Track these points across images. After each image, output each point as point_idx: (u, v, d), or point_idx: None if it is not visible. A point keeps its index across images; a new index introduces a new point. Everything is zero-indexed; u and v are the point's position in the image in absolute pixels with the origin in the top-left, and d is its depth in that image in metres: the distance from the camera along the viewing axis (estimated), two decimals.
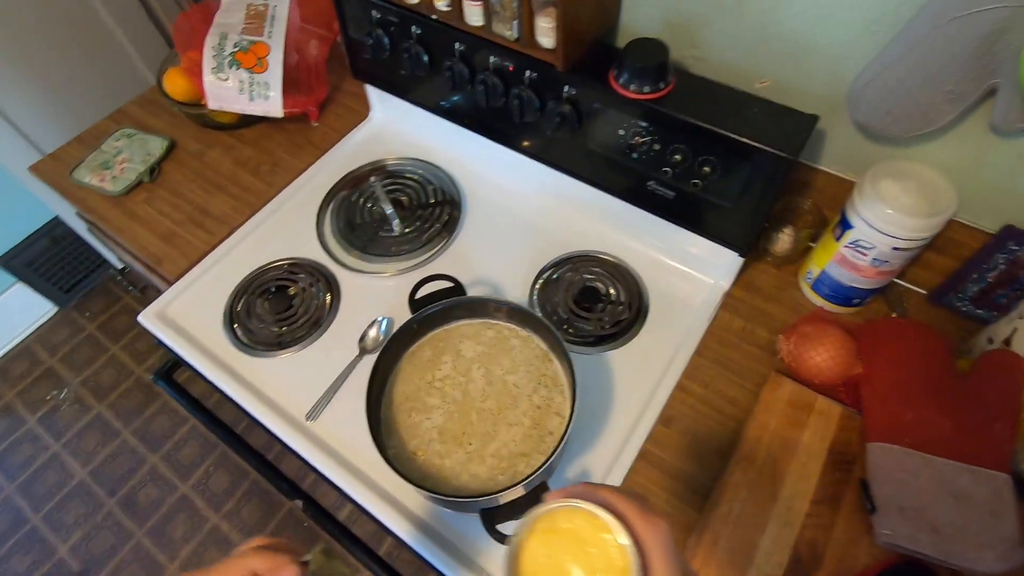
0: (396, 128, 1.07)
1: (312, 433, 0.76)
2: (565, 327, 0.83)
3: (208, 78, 0.96)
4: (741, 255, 0.77)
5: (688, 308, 0.84)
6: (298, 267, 0.91)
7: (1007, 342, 0.69)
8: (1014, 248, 0.69)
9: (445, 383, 0.71)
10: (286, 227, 0.96)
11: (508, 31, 0.72)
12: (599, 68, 0.73)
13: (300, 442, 0.75)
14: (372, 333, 0.83)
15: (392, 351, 0.71)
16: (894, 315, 0.79)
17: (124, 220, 0.97)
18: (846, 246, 0.72)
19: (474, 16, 0.74)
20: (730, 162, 0.68)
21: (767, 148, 0.64)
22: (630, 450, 0.72)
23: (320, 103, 1.08)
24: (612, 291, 0.85)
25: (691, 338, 0.80)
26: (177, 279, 0.90)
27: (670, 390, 0.76)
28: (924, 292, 0.81)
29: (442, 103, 0.93)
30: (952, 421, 0.66)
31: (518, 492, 0.60)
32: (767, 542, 0.62)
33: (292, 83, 1.02)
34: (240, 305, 0.87)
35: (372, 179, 0.98)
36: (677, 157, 0.72)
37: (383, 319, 0.83)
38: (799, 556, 0.61)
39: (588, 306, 0.84)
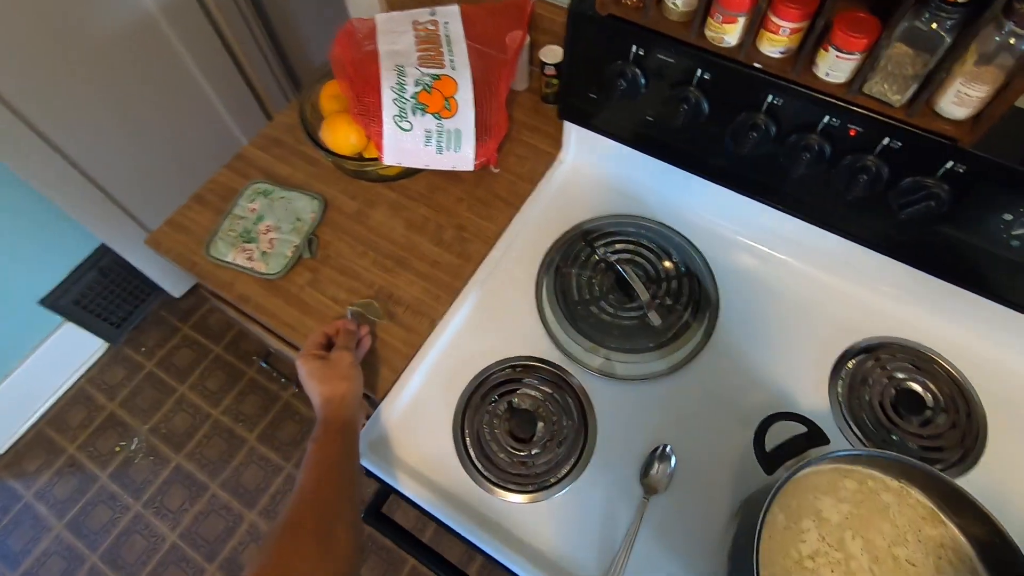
0: (600, 174, 0.88)
1: None
2: (884, 445, 0.68)
3: (388, 128, 0.75)
4: None
5: None
6: (528, 370, 0.73)
7: None
8: None
9: (818, 563, 0.55)
10: (498, 315, 0.77)
11: (894, 95, 0.53)
12: (1001, 138, 0.54)
13: None
14: (658, 468, 0.66)
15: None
16: None
17: (290, 312, 0.78)
18: None
19: (835, 72, 0.54)
20: None
21: None
22: None
23: (500, 144, 0.88)
24: (938, 395, 0.70)
25: None
26: (383, 396, 0.72)
27: None
28: None
29: (687, 153, 0.74)
30: None
31: None
32: None
33: (476, 123, 0.82)
34: (473, 428, 0.70)
35: (600, 248, 0.79)
36: None
37: (668, 449, 0.67)
38: None
39: (905, 415, 0.69)
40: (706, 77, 0.63)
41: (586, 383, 0.72)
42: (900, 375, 0.71)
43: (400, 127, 0.76)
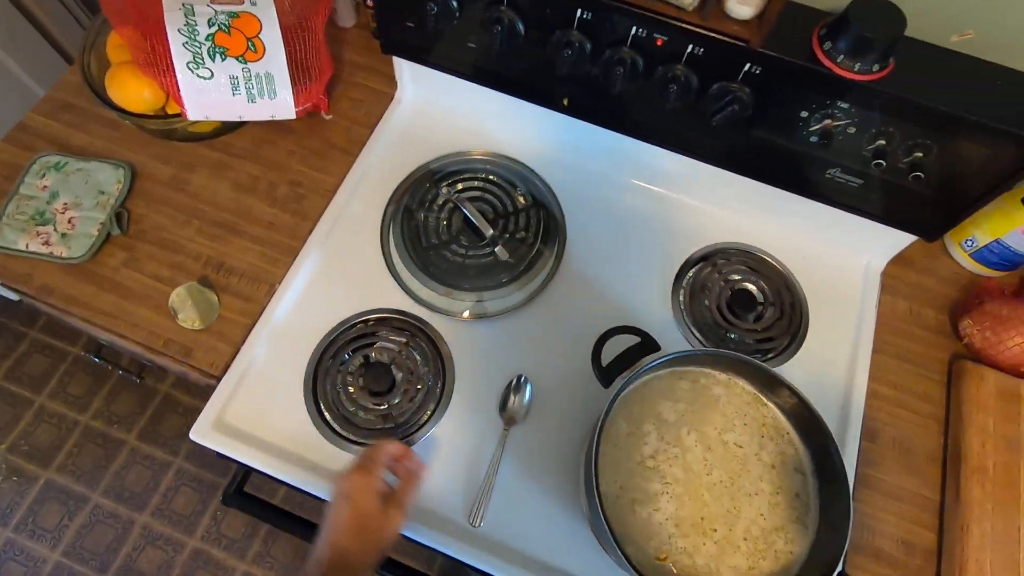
0: (440, 111, 0.84)
1: (487, 538, 0.62)
2: (723, 343, 0.72)
3: (184, 77, 0.67)
4: (929, 240, 0.69)
5: (848, 296, 0.76)
6: (381, 323, 0.71)
7: None
8: None
9: (658, 460, 0.59)
10: (345, 271, 0.73)
11: None
12: (788, 39, 0.56)
13: (477, 555, 0.61)
14: (514, 399, 0.67)
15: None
16: None
17: (107, 298, 0.70)
18: None
19: None
20: (963, 149, 0.57)
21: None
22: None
23: (326, 86, 0.81)
24: (767, 290, 0.75)
25: (865, 333, 0.73)
26: (223, 372, 0.67)
27: (863, 399, 0.69)
28: None
29: (517, 80, 0.72)
30: None
31: None
32: None
33: (293, 66, 0.74)
34: (326, 390, 0.67)
35: (444, 188, 0.76)
36: (882, 142, 0.60)
37: (523, 379, 0.68)
38: None
39: (740, 313, 0.74)
40: None
41: (443, 327, 0.71)
42: (735, 277, 0.76)
43: (198, 75, 0.67)
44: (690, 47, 0.58)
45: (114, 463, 1.49)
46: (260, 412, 0.66)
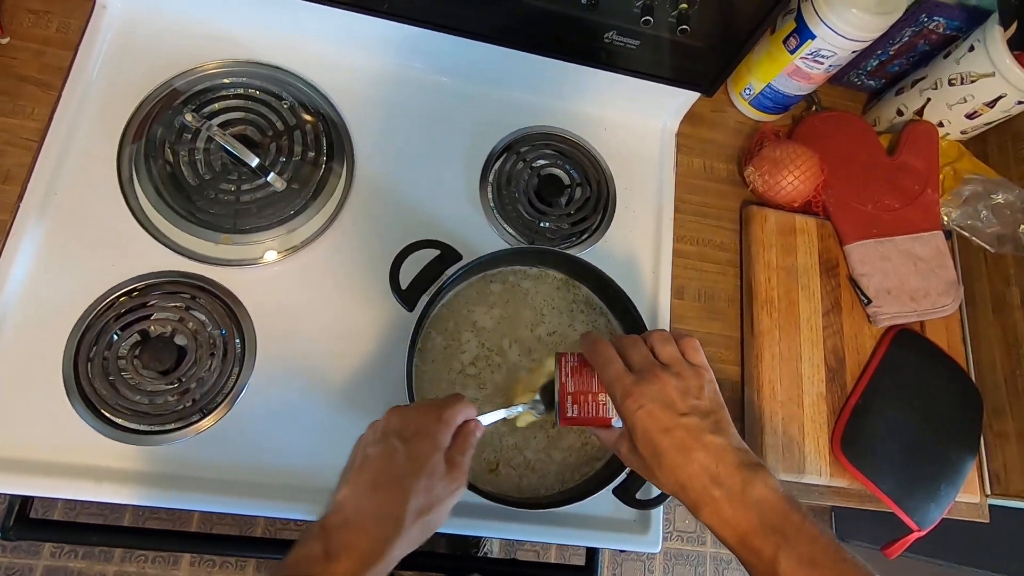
0: (165, 16, 0.67)
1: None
2: (538, 235, 0.71)
3: None
4: (708, 95, 0.69)
5: (649, 163, 0.76)
6: (148, 291, 0.60)
7: (919, 113, 0.76)
8: (924, 20, 0.72)
9: (479, 366, 0.58)
10: (82, 239, 0.60)
11: None
12: None
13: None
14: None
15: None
16: (813, 109, 0.82)
17: None
18: (803, 57, 0.69)
19: None
20: None
21: None
22: None
23: None
24: (573, 171, 0.73)
25: (666, 197, 0.75)
26: None
27: (670, 259, 0.73)
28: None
29: None
30: (896, 198, 0.75)
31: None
32: (807, 367, 0.69)
33: None
34: (95, 385, 0.57)
35: (188, 117, 0.63)
36: None
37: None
38: (829, 365, 0.70)
39: (550, 199, 0.72)
40: None
41: (229, 279, 0.62)
42: (540, 163, 0.73)
43: None
44: None
45: None
46: (19, 430, 0.55)
